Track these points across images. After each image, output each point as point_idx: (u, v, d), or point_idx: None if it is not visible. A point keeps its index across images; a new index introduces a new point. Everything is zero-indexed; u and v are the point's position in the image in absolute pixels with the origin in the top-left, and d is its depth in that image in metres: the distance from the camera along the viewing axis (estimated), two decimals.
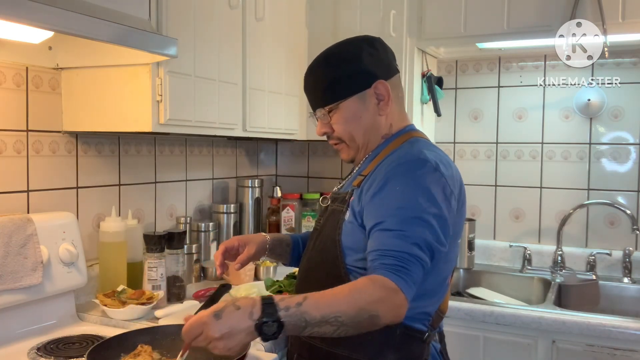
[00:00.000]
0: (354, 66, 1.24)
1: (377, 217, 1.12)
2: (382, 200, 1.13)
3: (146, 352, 1.23)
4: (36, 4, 1.08)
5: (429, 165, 1.14)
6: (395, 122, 1.29)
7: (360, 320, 1.01)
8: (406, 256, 1.06)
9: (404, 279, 1.04)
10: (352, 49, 1.26)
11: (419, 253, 1.07)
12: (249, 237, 1.46)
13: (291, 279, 1.81)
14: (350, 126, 1.27)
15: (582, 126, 2.40)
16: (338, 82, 1.25)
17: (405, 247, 1.06)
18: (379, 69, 1.25)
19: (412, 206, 1.10)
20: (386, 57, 1.28)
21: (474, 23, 2.15)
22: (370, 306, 1.01)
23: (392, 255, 1.06)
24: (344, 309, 1.00)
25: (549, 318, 1.83)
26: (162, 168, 2.09)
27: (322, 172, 2.80)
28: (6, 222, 1.40)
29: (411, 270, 1.05)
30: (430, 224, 1.10)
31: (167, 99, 1.55)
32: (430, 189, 1.12)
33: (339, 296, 1.02)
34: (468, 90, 2.58)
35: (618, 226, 2.35)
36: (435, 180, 1.13)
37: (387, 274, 1.04)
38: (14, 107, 1.55)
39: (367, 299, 1.02)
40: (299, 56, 2.31)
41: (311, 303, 1.00)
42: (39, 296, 1.46)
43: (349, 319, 1.00)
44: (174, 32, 1.55)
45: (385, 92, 1.24)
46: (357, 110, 1.25)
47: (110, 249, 1.69)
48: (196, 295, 1.81)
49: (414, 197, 1.11)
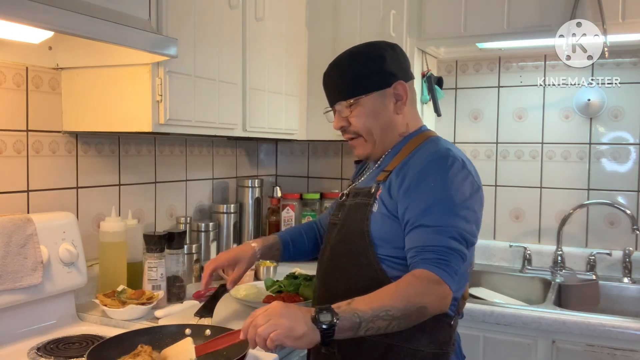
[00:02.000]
0: (377, 65, 1.32)
1: (414, 213, 1.19)
2: (417, 196, 1.20)
3: (146, 352, 1.23)
4: (36, 4, 1.08)
5: (458, 162, 1.23)
6: (411, 122, 1.37)
7: (409, 312, 1.07)
8: (445, 249, 1.14)
9: (445, 270, 1.12)
10: (376, 49, 1.34)
11: (457, 245, 1.15)
12: (237, 255, 1.49)
13: (291, 279, 1.81)
14: (369, 121, 1.33)
15: (582, 126, 2.40)
16: (361, 78, 1.32)
17: (443, 241, 1.14)
18: (399, 71, 1.33)
19: (446, 201, 1.18)
20: (405, 62, 1.37)
21: (474, 23, 2.15)
22: (417, 298, 1.08)
23: (432, 250, 1.14)
24: (392, 303, 1.06)
25: (549, 318, 1.83)
26: (162, 168, 2.08)
27: (322, 172, 2.80)
28: (6, 222, 1.40)
29: (451, 261, 1.13)
30: (464, 217, 1.18)
31: (167, 99, 1.55)
32: (461, 184, 1.20)
33: (386, 293, 1.09)
34: (468, 90, 2.58)
35: (618, 226, 2.35)
36: (464, 176, 1.22)
37: (430, 267, 1.12)
38: (14, 107, 1.55)
39: (414, 292, 1.09)
40: (299, 56, 2.31)
41: (360, 301, 1.06)
42: (39, 296, 1.46)
43: (399, 311, 1.06)
44: (174, 32, 1.55)
45: (404, 92, 1.32)
46: (377, 106, 1.32)
47: (110, 249, 1.69)
48: (196, 295, 1.80)
49: (447, 192, 1.19)
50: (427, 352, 1.24)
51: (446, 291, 1.12)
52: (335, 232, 1.36)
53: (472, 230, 1.20)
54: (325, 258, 1.38)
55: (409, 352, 1.23)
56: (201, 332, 1.32)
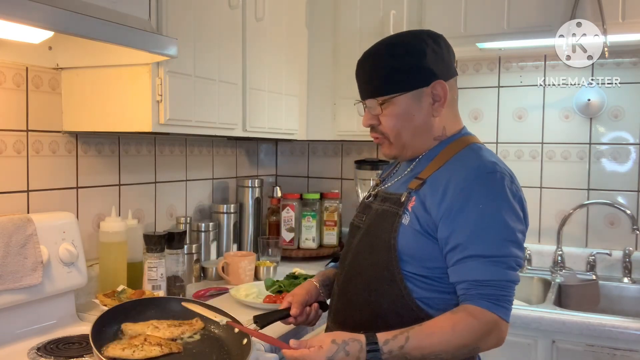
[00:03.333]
0: (416, 60, 1.18)
1: (462, 239, 1.09)
2: (465, 220, 1.09)
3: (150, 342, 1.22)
4: (36, 4, 1.08)
5: (506, 178, 1.12)
6: (449, 125, 1.24)
7: (460, 354, 1.06)
8: (504, 283, 1.07)
9: (505, 307, 1.06)
10: (417, 42, 1.19)
11: (514, 276, 1.08)
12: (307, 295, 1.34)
13: (291, 279, 1.82)
14: (400, 123, 1.21)
15: (582, 126, 2.40)
16: (397, 74, 1.19)
17: (502, 275, 1.07)
18: (440, 69, 1.19)
19: (499, 226, 1.08)
20: (448, 56, 1.23)
21: (474, 23, 2.15)
22: (473, 343, 1.05)
23: (491, 285, 1.06)
24: (446, 348, 1.04)
25: (549, 318, 1.83)
26: (162, 168, 2.08)
27: (322, 172, 2.80)
28: (6, 222, 1.40)
29: (509, 295, 1.07)
30: (518, 242, 1.10)
31: (167, 99, 1.55)
32: (512, 204, 1.10)
33: (443, 336, 1.04)
34: (468, 90, 2.58)
35: (618, 226, 2.35)
36: (513, 194, 1.12)
37: (490, 307, 1.05)
38: (14, 107, 1.55)
39: (471, 337, 1.04)
40: (299, 56, 2.31)
41: (414, 345, 1.03)
42: (39, 296, 1.45)
43: (450, 355, 1.04)
44: (174, 32, 1.55)
45: (443, 93, 1.19)
46: (411, 107, 1.19)
47: (110, 249, 1.69)
48: (196, 295, 1.81)
49: (499, 216, 1.08)
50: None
51: (504, 330, 1.07)
52: (359, 238, 1.26)
53: (523, 255, 1.13)
54: (347, 264, 1.27)
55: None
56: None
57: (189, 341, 1.24)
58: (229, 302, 1.72)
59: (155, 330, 1.24)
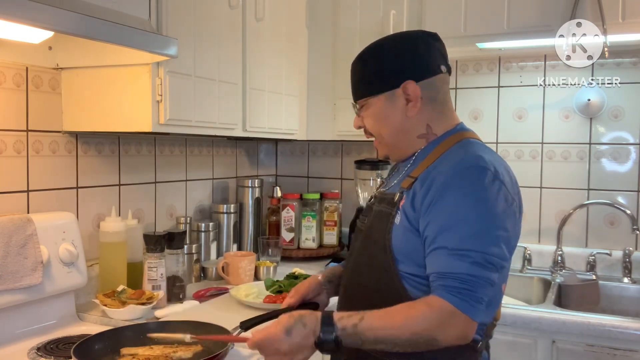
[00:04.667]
0: (384, 64, 1.21)
1: (433, 231, 1.08)
2: (438, 213, 1.08)
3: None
4: (36, 4, 1.08)
5: (489, 172, 1.08)
6: (436, 123, 1.22)
7: (415, 343, 1.04)
8: (466, 277, 1.03)
9: (466, 301, 1.02)
10: (388, 45, 1.23)
11: (481, 272, 1.04)
12: (308, 290, 1.39)
13: (291, 279, 1.81)
14: (378, 124, 1.24)
15: (582, 126, 2.40)
16: (367, 78, 1.24)
17: (464, 268, 1.03)
18: (411, 69, 1.19)
19: (471, 221, 1.06)
20: (427, 56, 1.21)
21: (474, 23, 2.15)
22: (426, 332, 1.03)
23: (452, 277, 1.04)
24: (398, 333, 1.03)
25: (549, 318, 1.83)
26: (162, 168, 2.08)
27: (322, 172, 2.80)
28: (6, 222, 1.40)
29: (474, 290, 1.03)
30: (492, 239, 1.05)
31: (167, 99, 1.55)
32: (490, 200, 1.07)
33: (395, 320, 1.04)
34: (468, 90, 2.58)
35: (618, 226, 2.35)
36: (495, 190, 1.08)
37: (448, 297, 1.03)
38: (14, 107, 1.55)
39: (423, 325, 1.03)
40: (299, 56, 2.31)
41: (366, 325, 1.04)
42: (39, 296, 1.46)
43: (404, 341, 1.03)
44: (174, 32, 1.55)
45: (414, 93, 1.19)
46: (385, 109, 1.22)
47: (110, 249, 1.69)
48: (196, 295, 1.81)
49: (474, 210, 1.06)
50: None
51: (464, 323, 1.02)
52: (360, 240, 1.27)
53: (501, 253, 1.06)
54: (349, 266, 1.29)
55: None
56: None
57: (183, 357, 1.24)
58: (229, 302, 1.72)
59: (149, 350, 1.25)
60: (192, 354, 1.25)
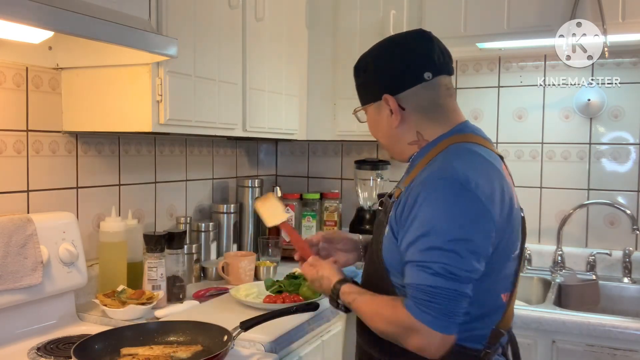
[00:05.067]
0: (368, 77, 1.26)
1: (406, 244, 1.10)
2: (410, 226, 1.10)
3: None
4: (36, 4, 1.08)
5: (456, 182, 1.07)
6: (427, 129, 1.21)
7: (387, 336, 1.13)
8: (426, 288, 1.04)
9: (427, 312, 1.04)
10: (372, 56, 1.26)
11: (445, 284, 1.03)
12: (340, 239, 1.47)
13: (291, 279, 1.81)
14: (373, 130, 1.31)
15: (582, 126, 2.40)
16: (359, 89, 1.30)
17: (423, 279, 1.05)
18: (387, 83, 1.21)
19: (433, 234, 1.05)
20: (405, 67, 1.20)
21: (474, 23, 2.15)
22: (391, 334, 1.11)
23: (417, 289, 1.06)
24: (373, 324, 1.15)
25: (549, 318, 1.83)
26: (162, 168, 2.08)
27: (322, 172, 2.80)
28: (6, 222, 1.40)
29: (436, 302, 1.03)
30: (453, 251, 1.04)
31: (167, 99, 1.55)
32: (456, 210, 1.06)
33: (374, 312, 1.15)
34: (468, 90, 2.58)
35: (618, 226, 2.35)
36: (463, 200, 1.06)
37: (411, 307, 1.06)
38: (14, 107, 1.55)
39: (390, 328, 1.11)
40: (299, 56, 2.31)
41: (356, 306, 1.19)
42: (39, 296, 1.46)
43: (379, 331, 1.14)
44: (174, 32, 1.55)
45: (392, 105, 1.20)
46: (375, 117, 1.27)
47: (110, 249, 1.69)
48: (196, 295, 1.81)
49: (438, 223, 1.06)
50: None
51: (426, 334, 1.04)
52: (369, 246, 1.32)
53: (467, 265, 1.04)
54: (363, 273, 1.34)
55: None
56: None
57: (183, 357, 1.24)
58: (229, 302, 1.72)
59: (149, 350, 1.25)
60: (191, 354, 1.25)
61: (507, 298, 1.17)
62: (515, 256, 1.17)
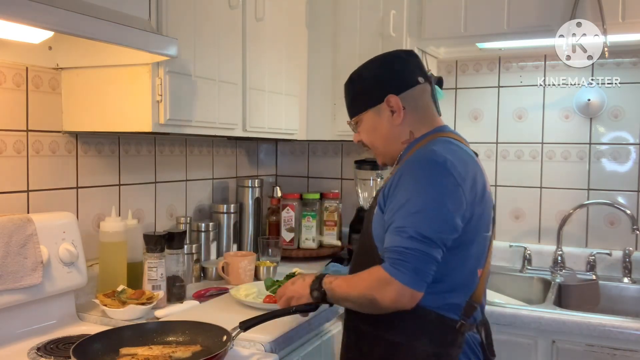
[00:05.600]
0: (369, 83, 1.40)
1: (387, 217, 1.27)
2: (393, 200, 1.26)
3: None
4: (36, 4, 1.08)
5: (435, 161, 1.25)
6: (416, 128, 1.39)
7: (363, 302, 1.26)
8: (400, 249, 1.20)
9: (398, 269, 1.19)
10: (369, 67, 1.42)
11: (415, 245, 1.19)
12: None
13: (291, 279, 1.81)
14: (371, 135, 1.43)
15: (582, 126, 2.40)
16: (356, 98, 1.43)
17: (400, 242, 1.20)
18: (391, 85, 1.37)
19: (411, 203, 1.22)
20: (403, 71, 1.39)
21: (474, 23, 2.15)
22: (368, 292, 1.24)
23: (392, 250, 1.22)
24: (350, 292, 1.28)
25: (549, 318, 1.84)
26: (162, 168, 2.08)
27: (322, 172, 2.80)
28: (6, 222, 1.40)
29: (408, 261, 1.19)
30: (427, 216, 1.21)
31: (167, 99, 1.55)
32: (432, 183, 1.23)
33: (351, 281, 1.30)
34: (468, 90, 2.58)
35: (618, 226, 2.35)
36: (438, 174, 1.23)
37: (385, 266, 1.21)
38: (14, 107, 1.55)
39: (365, 286, 1.25)
40: (299, 56, 2.31)
41: (336, 284, 1.32)
42: (39, 296, 1.46)
43: (355, 299, 1.28)
44: (174, 32, 1.55)
45: (396, 104, 1.36)
46: (374, 121, 1.40)
47: (110, 249, 1.69)
48: (196, 295, 1.81)
49: (415, 193, 1.23)
50: (429, 351, 1.28)
51: (398, 289, 1.19)
52: (360, 236, 1.48)
53: (438, 228, 1.20)
54: (354, 252, 1.54)
55: (411, 349, 1.29)
56: None
57: (182, 357, 1.24)
58: (229, 302, 1.72)
59: (148, 350, 1.25)
60: (191, 354, 1.25)
61: (481, 273, 1.34)
62: (488, 236, 1.35)
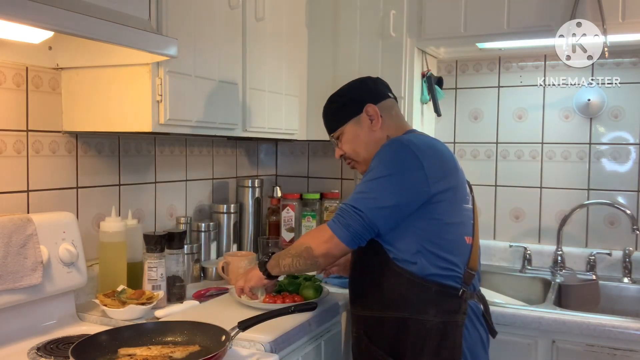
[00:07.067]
0: (346, 98, 1.61)
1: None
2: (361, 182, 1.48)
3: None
4: (36, 4, 1.08)
5: (398, 142, 1.45)
6: (392, 132, 1.57)
7: (300, 251, 1.47)
8: (341, 208, 1.43)
9: (334, 222, 1.42)
10: (345, 88, 1.65)
11: (350, 204, 1.41)
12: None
13: (291, 279, 1.81)
14: (354, 144, 1.59)
15: (582, 126, 2.40)
16: (337, 114, 1.62)
17: (344, 206, 1.43)
18: (367, 96, 1.59)
19: (369, 173, 1.44)
20: (375, 88, 1.62)
21: (474, 23, 2.15)
22: (305, 240, 1.49)
23: (338, 210, 1.45)
24: (293, 247, 1.52)
25: (549, 318, 1.83)
26: (162, 168, 2.09)
27: (322, 172, 2.80)
28: (6, 222, 1.40)
29: (343, 217, 1.41)
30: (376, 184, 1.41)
31: (167, 99, 1.55)
32: (389, 157, 1.43)
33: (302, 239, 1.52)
34: (468, 90, 2.58)
35: (618, 226, 2.35)
36: (398, 152, 1.43)
37: (329, 223, 1.44)
38: (14, 107, 1.55)
39: (304, 237, 1.51)
40: (299, 56, 2.31)
41: (286, 252, 1.53)
42: (39, 296, 1.46)
43: (294, 249, 1.50)
44: (174, 32, 1.55)
45: (374, 112, 1.56)
46: (356, 131, 1.59)
47: (110, 249, 1.69)
48: (196, 295, 1.81)
49: (375, 166, 1.44)
50: (437, 321, 1.41)
51: (329, 237, 1.41)
52: None
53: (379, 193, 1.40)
54: (352, 256, 1.67)
55: (419, 322, 1.41)
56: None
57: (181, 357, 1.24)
58: (229, 302, 1.72)
59: (147, 350, 1.25)
60: (189, 354, 1.25)
61: (471, 241, 1.48)
62: (469, 208, 1.50)
